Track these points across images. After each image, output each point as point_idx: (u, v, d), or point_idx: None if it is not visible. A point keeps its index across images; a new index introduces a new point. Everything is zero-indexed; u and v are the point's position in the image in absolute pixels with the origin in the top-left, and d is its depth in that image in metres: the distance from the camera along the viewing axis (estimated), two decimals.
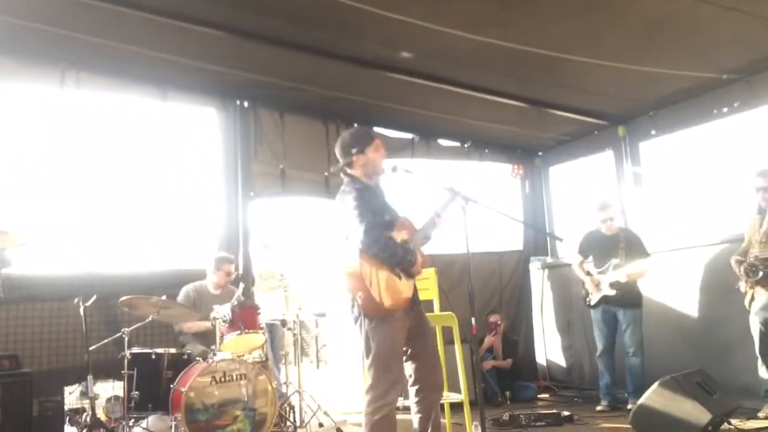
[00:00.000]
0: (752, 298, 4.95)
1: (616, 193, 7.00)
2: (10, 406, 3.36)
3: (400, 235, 3.54)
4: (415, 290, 3.59)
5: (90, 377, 4.43)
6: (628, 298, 5.77)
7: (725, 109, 5.95)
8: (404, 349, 3.54)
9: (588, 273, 6.00)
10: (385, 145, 3.71)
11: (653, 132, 6.66)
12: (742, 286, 4.97)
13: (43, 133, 3.98)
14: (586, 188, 7.72)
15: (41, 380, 4.59)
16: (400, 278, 3.44)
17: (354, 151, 3.60)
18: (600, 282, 5.86)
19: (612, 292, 5.76)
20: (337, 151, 3.69)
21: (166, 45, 5.27)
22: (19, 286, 3.92)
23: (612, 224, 5.97)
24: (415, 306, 3.59)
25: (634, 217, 6.72)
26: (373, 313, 3.41)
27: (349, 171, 3.65)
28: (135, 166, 5.95)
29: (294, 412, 5.27)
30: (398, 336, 3.46)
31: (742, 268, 4.93)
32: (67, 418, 5.00)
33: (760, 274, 4.81)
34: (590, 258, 6.05)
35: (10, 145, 3.73)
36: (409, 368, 3.58)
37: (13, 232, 3.42)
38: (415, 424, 3.61)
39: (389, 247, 3.39)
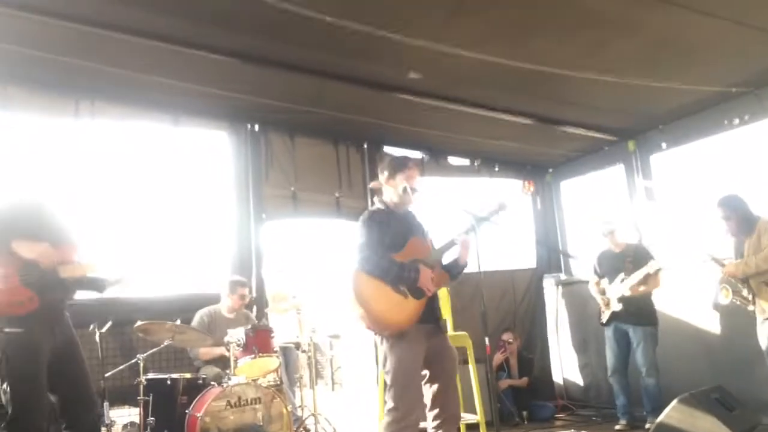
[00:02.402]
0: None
1: (627, 207, 6.98)
2: None
3: (407, 256, 3.53)
4: (436, 313, 3.57)
5: (106, 404, 4.43)
6: (639, 315, 5.73)
7: (735, 121, 5.93)
8: (423, 372, 3.53)
9: (602, 291, 5.98)
10: (418, 173, 3.74)
11: (663, 145, 6.65)
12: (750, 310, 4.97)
13: (58, 162, 4.05)
14: (598, 203, 7.70)
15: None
16: (406, 297, 3.45)
17: (384, 176, 3.72)
18: (610, 299, 5.83)
19: (619, 307, 5.73)
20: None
21: (178, 72, 5.34)
22: None
23: (617, 240, 5.96)
24: (437, 330, 3.58)
25: (647, 231, 6.68)
26: (379, 331, 3.46)
27: (377, 195, 3.79)
28: (148, 192, 6.00)
29: None
30: (414, 355, 3.45)
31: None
32: None
33: (744, 292, 4.84)
34: (604, 277, 6.04)
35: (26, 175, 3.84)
36: (427, 392, 3.55)
37: (83, 264, 3.55)
38: None
39: (381, 264, 3.43)
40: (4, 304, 3.26)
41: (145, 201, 5.96)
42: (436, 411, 3.54)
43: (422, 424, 3.61)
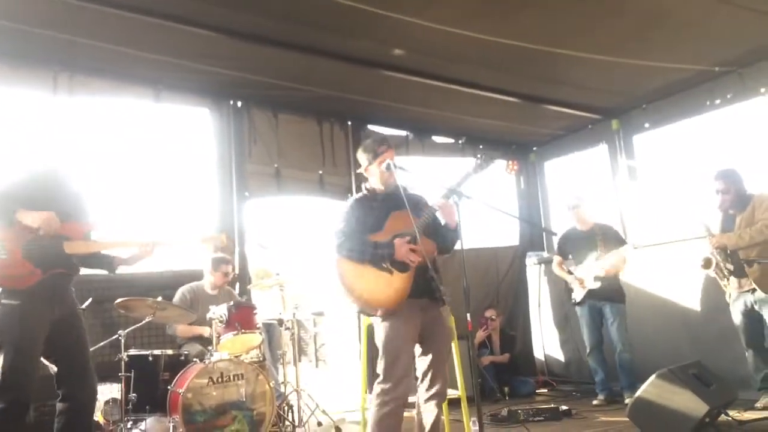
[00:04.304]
0: (730, 293, 5.09)
1: (610, 186, 7.02)
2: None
3: (387, 233, 3.53)
4: (430, 285, 3.52)
5: None
6: (612, 293, 5.84)
7: (718, 101, 5.96)
8: (416, 346, 3.55)
9: (569, 272, 6.05)
10: (392, 153, 3.68)
11: (647, 125, 6.68)
12: (722, 284, 5.08)
13: (36, 137, 4.00)
14: (580, 183, 7.74)
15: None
16: (391, 273, 3.46)
17: (364, 164, 3.71)
18: (584, 278, 5.89)
19: (597, 285, 5.80)
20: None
21: (159, 46, 5.26)
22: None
23: (583, 217, 6.03)
24: (432, 304, 3.55)
25: (628, 211, 6.74)
26: (372, 311, 3.49)
27: (363, 182, 3.80)
28: (129, 168, 5.93)
29: (292, 412, 5.26)
30: (405, 330, 3.46)
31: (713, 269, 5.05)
32: None
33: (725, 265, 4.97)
34: (570, 257, 6.10)
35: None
36: (419, 366, 3.58)
37: (90, 241, 3.54)
38: (416, 422, 3.63)
39: (356, 247, 3.49)
40: (4, 276, 3.27)
41: (126, 176, 5.89)
42: (425, 386, 3.57)
43: (412, 398, 3.64)
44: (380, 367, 3.46)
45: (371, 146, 3.74)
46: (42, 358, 3.60)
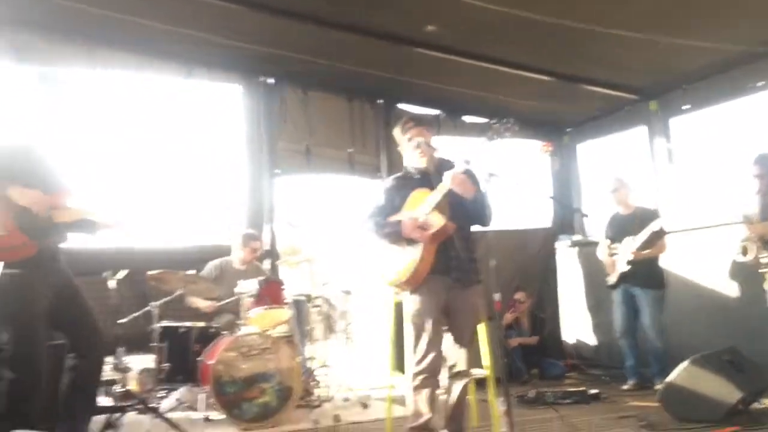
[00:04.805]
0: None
1: (648, 170, 6.86)
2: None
3: (402, 215, 3.56)
4: (452, 263, 3.51)
5: (121, 350, 4.52)
6: (647, 278, 5.71)
7: (760, 83, 5.77)
8: (444, 324, 3.55)
9: (611, 254, 5.96)
10: (422, 131, 3.67)
11: (686, 107, 6.49)
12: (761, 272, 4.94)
13: (71, 110, 4.04)
14: (617, 166, 7.58)
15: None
16: (403, 248, 3.51)
17: (398, 142, 3.75)
18: (615, 261, 5.80)
19: (627, 268, 5.70)
20: None
21: (192, 21, 5.28)
22: None
23: (625, 200, 5.91)
24: (456, 283, 3.53)
25: (666, 195, 6.59)
26: (398, 288, 3.60)
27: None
28: (163, 144, 6.00)
29: (320, 387, 5.32)
30: (426, 306, 3.47)
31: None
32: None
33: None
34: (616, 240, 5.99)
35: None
36: (444, 344, 3.58)
37: (72, 208, 3.53)
38: (443, 401, 3.64)
39: (372, 226, 3.62)
40: (3, 249, 3.25)
41: (160, 152, 5.97)
42: (448, 365, 3.59)
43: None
44: (407, 341, 3.51)
45: (402, 124, 3.74)
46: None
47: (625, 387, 5.76)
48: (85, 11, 4.96)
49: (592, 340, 7.44)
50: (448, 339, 3.58)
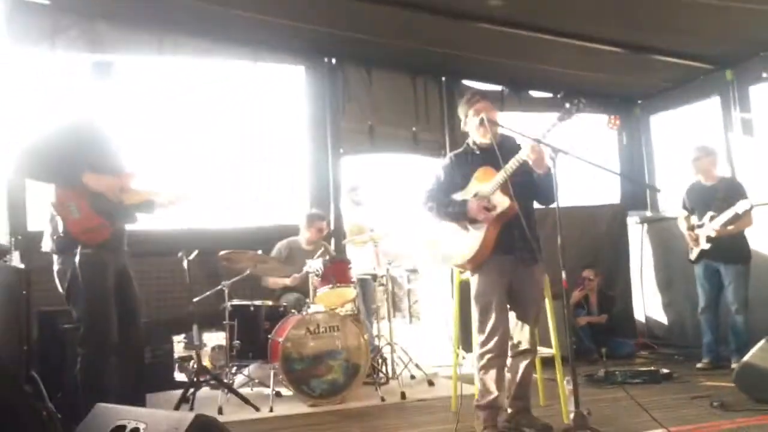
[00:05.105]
0: None
1: (723, 141, 6.57)
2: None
3: (470, 191, 3.55)
4: (515, 243, 3.49)
5: (195, 327, 4.69)
6: (730, 252, 5.45)
7: None
8: (508, 302, 3.55)
9: (691, 227, 5.71)
10: (488, 106, 3.63)
11: (764, 75, 6.15)
12: None
13: (144, 98, 4.19)
14: (691, 137, 7.28)
15: (152, 329, 4.88)
16: (467, 230, 3.51)
17: (462, 118, 3.71)
18: (698, 236, 5.58)
19: (707, 246, 5.48)
20: None
21: (257, 5, 5.35)
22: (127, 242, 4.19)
23: (709, 170, 5.64)
24: (520, 261, 3.51)
25: (743, 167, 6.29)
26: (460, 267, 3.67)
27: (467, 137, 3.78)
28: (230, 128, 6.16)
29: (386, 365, 5.39)
30: (491, 285, 3.48)
31: None
32: (176, 365, 5.35)
33: None
34: (695, 212, 5.76)
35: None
36: (510, 323, 3.57)
37: (139, 190, 3.65)
38: (507, 379, 3.64)
39: (435, 205, 3.61)
40: (79, 231, 3.36)
41: (229, 136, 6.13)
42: (513, 343, 3.59)
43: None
44: (474, 321, 3.54)
45: (466, 99, 3.72)
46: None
47: (699, 365, 5.58)
48: (156, 0, 5.11)
49: (664, 318, 7.24)
50: (512, 317, 3.58)
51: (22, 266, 4.57)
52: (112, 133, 3.68)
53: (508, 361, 3.60)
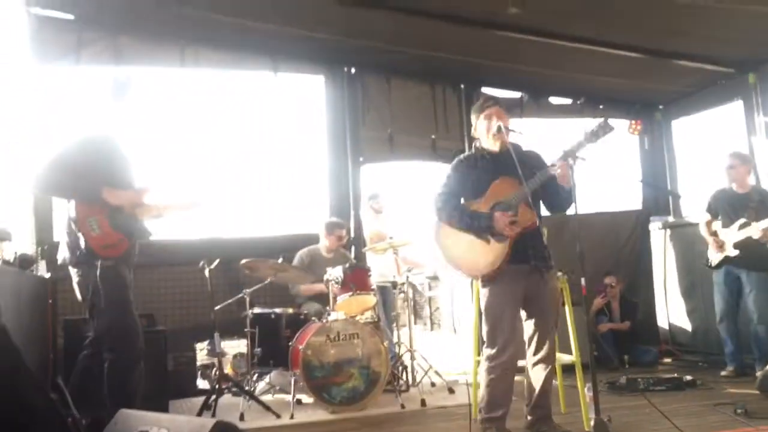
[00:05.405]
0: None
1: (746, 145, 6.49)
2: (147, 360, 3.67)
3: (488, 201, 3.52)
4: (529, 252, 3.49)
5: (217, 335, 4.74)
6: (756, 260, 5.38)
7: None
8: (522, 311, 3.54)
9: (714, 233, 5.64)
10: (500, 112, 3.61)
11: None
12: None
13: (165, 109, 4.27)
14: (713, 142, 7.21)
15: (174, 337, 4.95)
16: (488, 242, 3.46)
17: (474, 123, 3.70)
18: (724, 242, 5.50)
19: (735, 253, 5.41)
20: None
21: (276, 16, 5.42)
22: (150, 253, 4.28)
23: (743, 179, 5.56)
24: (534, 270, 3.50)
25: (766, 173, 6.21)
26: (471, 275, 3.69)
27: (475, 142, 3.76)
28: (251, 138, 6.24)
29: (407, 372, 5.40)
30: (505, 295, 3.47)
31: None
32: (199, 372, 5.41)
33: None
34: (719, 217, 5.68)
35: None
36: (526, 331, 3.58)
37: (153, 205, 3.71)
38: (526, 386, 3.66)
39: (455, 214, 3.53)
40: (99, 246, 3.44)
41: (248, 146, 6.21)
42: (531, 351, 3.58)
43: (522, 362, 3.64)
44: (484, 333, 3.52)
45: (478, 104, 3.73)
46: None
47: (723, 373, 5.50)
48: (178, 13, 5.20)
49: (688, 324, 7.14)
50: (530, 325, 3.56)
51: (48, 276, 4.65)
52: (129, 148, 3.75)
53: (529, 369, 3.60)
